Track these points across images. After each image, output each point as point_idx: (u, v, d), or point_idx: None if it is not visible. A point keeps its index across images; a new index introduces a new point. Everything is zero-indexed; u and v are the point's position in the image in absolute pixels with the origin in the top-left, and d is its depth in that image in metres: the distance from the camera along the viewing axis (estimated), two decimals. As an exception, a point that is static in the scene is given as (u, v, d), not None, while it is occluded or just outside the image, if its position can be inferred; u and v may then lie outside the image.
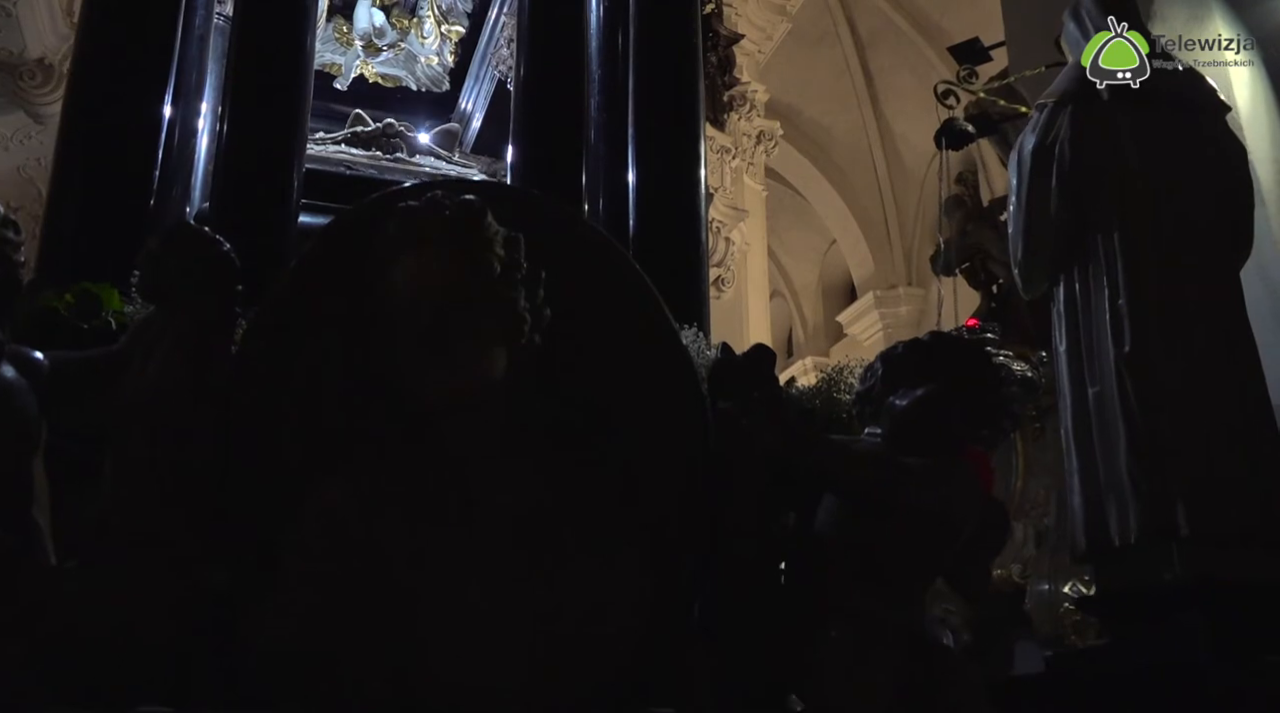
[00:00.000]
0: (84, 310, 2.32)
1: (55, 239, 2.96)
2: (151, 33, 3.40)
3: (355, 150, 3.80)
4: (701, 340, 2.64)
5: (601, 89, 3.93)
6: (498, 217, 1.76)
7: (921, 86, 14.62)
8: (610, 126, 3.87)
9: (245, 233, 3.04)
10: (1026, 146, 2.82)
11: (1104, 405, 2.57)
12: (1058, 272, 2.75)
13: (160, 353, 1.71)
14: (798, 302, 18.82)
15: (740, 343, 6.78)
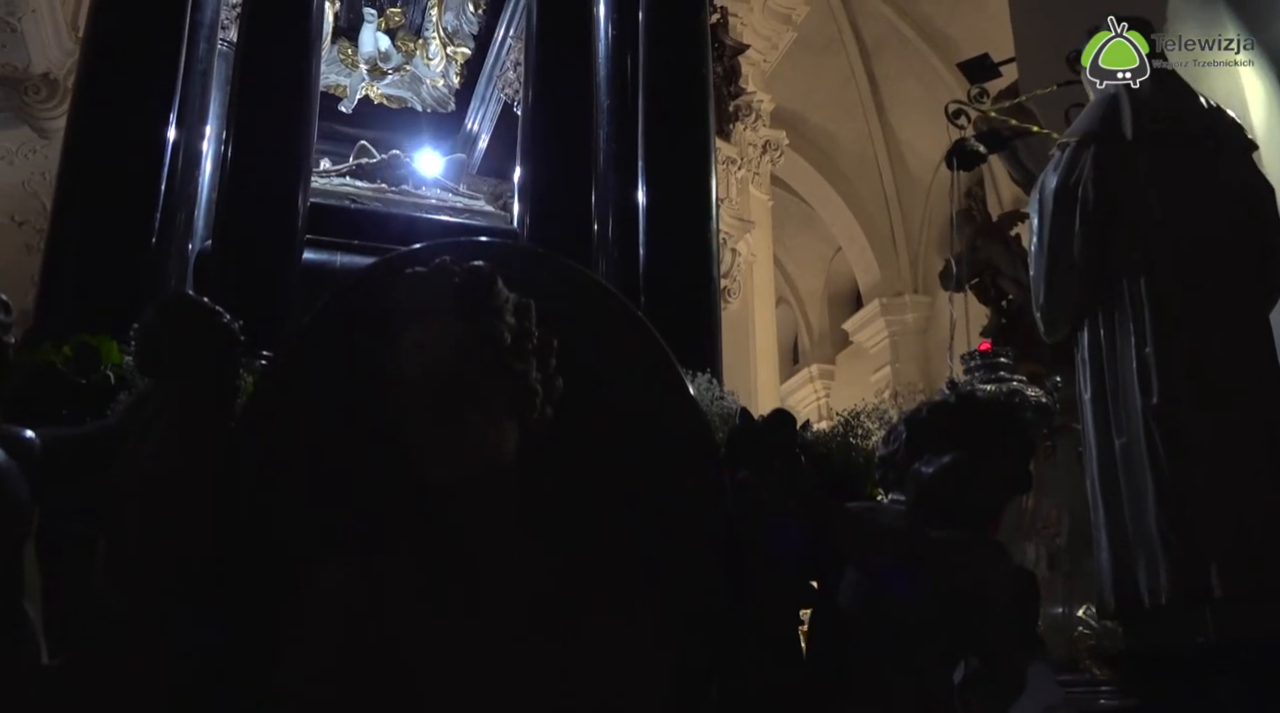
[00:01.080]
0: (82, 364, 2.26)
1: (54, 281, 2.88)
2: (154, 60, 3.32)
3: (360, 182, 3.73)
4: (715, 387, 2.57)
5: (610, 111, 3.86)
6: (507, 278, 1.70)
7: (928, 94, 14.60)
8: (619, 149, 3.80)
9: (249, 272, 3.01)
10: (1048, 186, 2.74)
11: (1131, 458, 2.49)
12: (1081, 316, 2.68)
13: (156, 432, 1.64)
14: (803, 309, 18.77)
15: (746, 353, 6.76)
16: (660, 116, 3.67)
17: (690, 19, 3.85)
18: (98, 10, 3.45)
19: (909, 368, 15.68)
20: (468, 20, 5.10)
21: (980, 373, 5.13)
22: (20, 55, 9.37)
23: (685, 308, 3.35)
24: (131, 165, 3.16)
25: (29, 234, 11.10)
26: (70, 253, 2.97)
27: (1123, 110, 2.75)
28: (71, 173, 3.24)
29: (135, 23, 3.31)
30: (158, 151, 3.20)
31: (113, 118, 3.20)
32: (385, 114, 5.67)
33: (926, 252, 15.97)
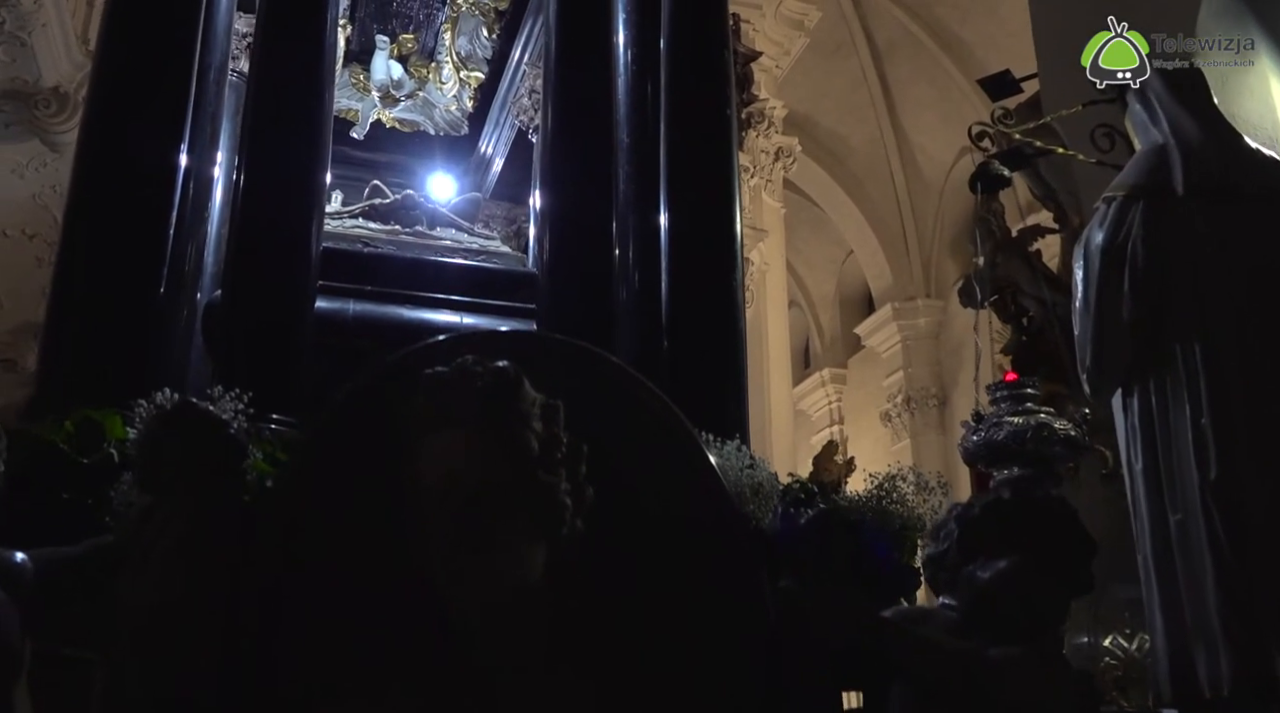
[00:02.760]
0: (85, 441, 2.17)
1: (58, 335, 2.79)
2: (164, 94, 3.24)
3: (373, 224, 3.63)
4: (744, 455, 2.46)
5: (630, 138, 3.78)
6: (530, 368, 1.59)
7: (940, 97, 14.49)
8: (639, 176, 3.72)
9: (259, 326, 2.91)
10: (1094, 242, 2.62)
11: (1188, 536, 2.37)
12: (1131, 381, 2.55)
13: (158, 556, 1.55)
14: (814, 312, 18.68)
15: (759, 362, 6.59)
16: (683, 144, 3.59)
17: (713, 45, 3.76)
18: (104, 50, 3.36)
19: (921, 373, 15.59)
20: (481, 45, 5.01)
21: (1006, 404, 5.02)
22: (30, 69, 9.33)
23: (710, 342, 3.26)
24: (139, 208, 3.08)
25: (39, 247, 11.05)
26: (76, 303, 2.88)
27: (1172, 163, 2.63)
28: (78, 215, 3.17)
29: (144, 60, 3.24)
30: (166, 193, 3.12)
31: (121, 155, 3.14)
32: (397, 137, 5.59)
33: (939, 255, 15.86)
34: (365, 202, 3.77)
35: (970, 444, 4.95)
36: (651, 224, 3.54)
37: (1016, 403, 4.90)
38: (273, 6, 3.48)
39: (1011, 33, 12.95)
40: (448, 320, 3.40)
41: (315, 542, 1.65)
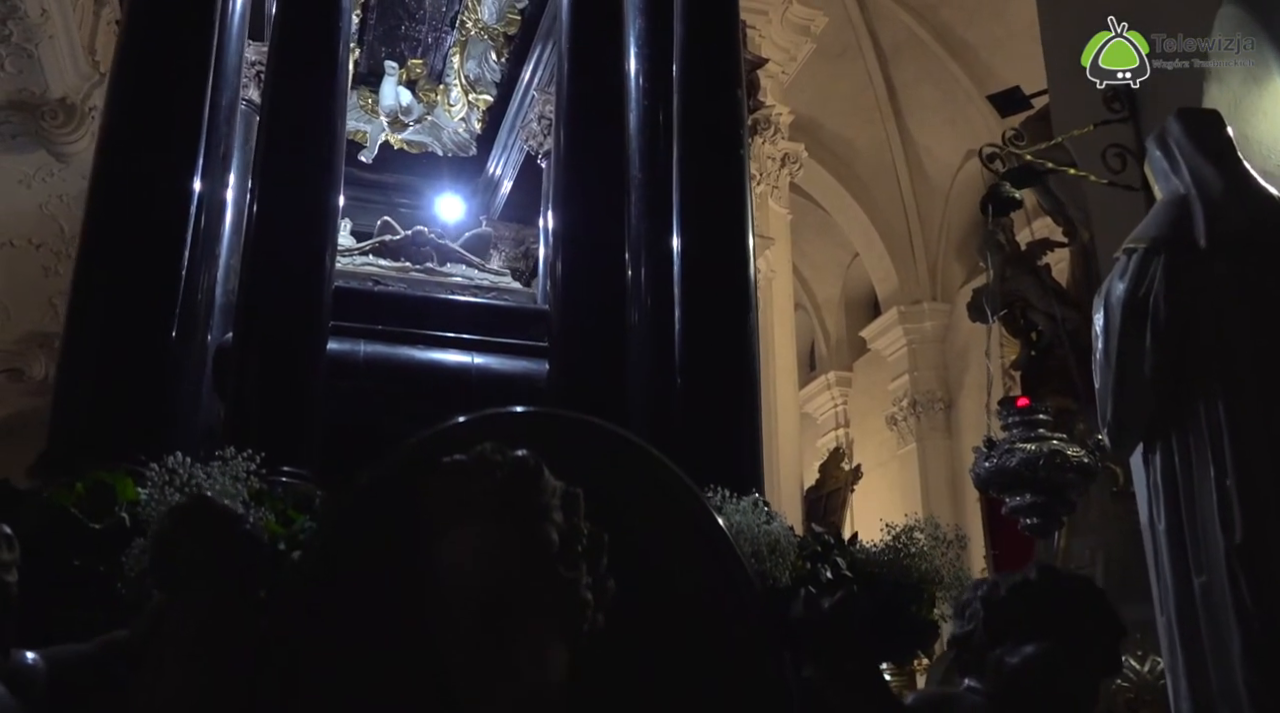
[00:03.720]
0: (96, 505, 2.15)
1: (70, 385, 2.76)
2: (176, 131, 3.21)
3: (383, 261, 3.61)
4: (762, 511, 2.44)
5: (642, 162, 3.76)
6: (546, 448, 1.57)
7: (946, 100, 14.44)
8: (652, 200, 3.70)
9: (272, 372, 2.89)
10: (1114, 295, 2.59)
11: (1213, 600, 2.33)
12: (1153, 437, 2.52)
13: (173, 655, 1.52)
14: (820, 315, 18.66)
15: (764, 368, 6.50)
16: (696, 168, 3.57)
17: (725, 72, 3.74)
18: (117, 82, 3.34)
19: (927, 376, 15.56)
20: (490, 68, 4.99)
21: (1018, 430, 4.98)
22: (38, 80, 9.33)
23: (724, 387, 3.23)
24: (152, 247, 3.05)
25: (46, 257, 11.08)
26: (89, 348, 2.85)
27: (1195, 214, 2.59)
28: (91, 253, 3.13)
29: (157, 92, 3.22)
30: (179, 229, 3.09)
31: (135, 189, 3.11)
32: (405, 158, 5.58)
33: (945, 259, 15.82)
34: (376, 238, 3.75)
35: (982, 470, 4.91)
36: (664, 249, 3.52)
37: (1028, 429, 4.86)
38: (285, 38, 3.45)
39: (1017, 35, 12.91)
40: (459, 360, 3.38)
41: (331, 639, 1.63)
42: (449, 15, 4.96)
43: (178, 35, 3.28)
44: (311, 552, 1.72)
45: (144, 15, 3.30)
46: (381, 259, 3.63)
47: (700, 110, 3.60)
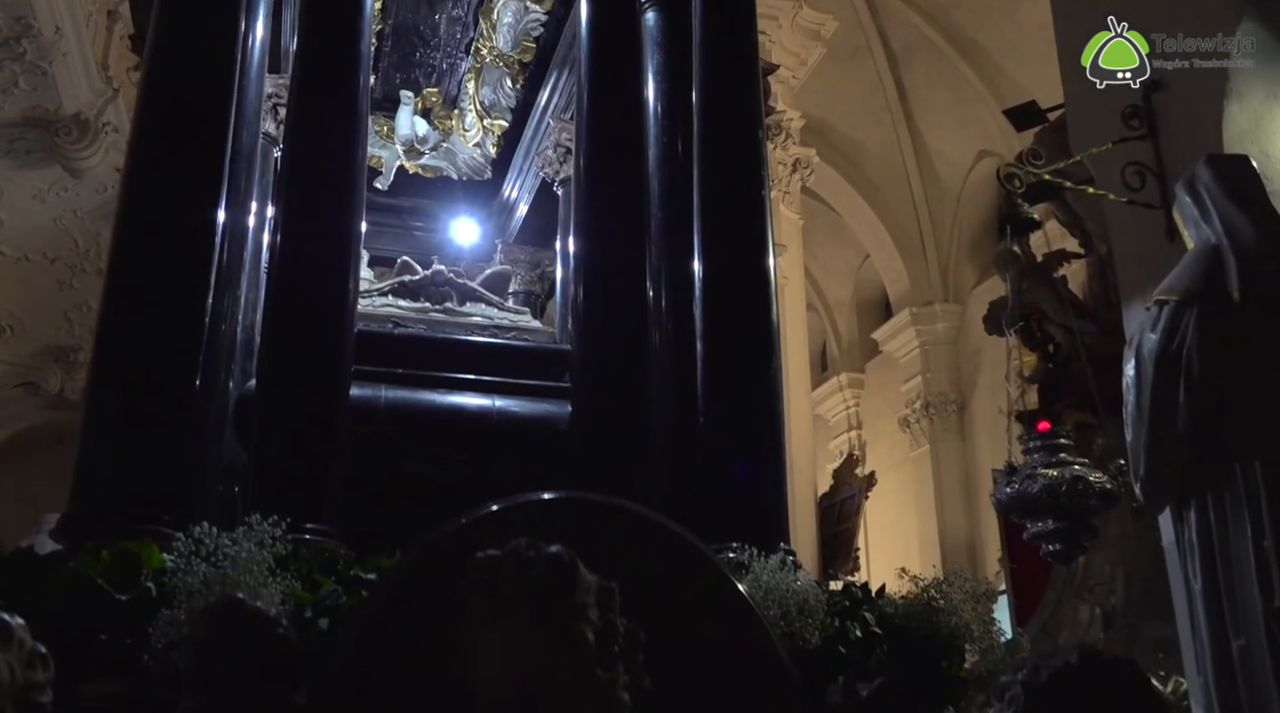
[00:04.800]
0: (122, 575, 2.14)
1: (93, 445, 2.74)
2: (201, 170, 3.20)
3: (403, 302, 3.60)
4: (789, 569, 2.43)
5: (661, 186, 3.76)
6: (578, 536, 1.56)
7: (957, 101, 14.37)
8: (671, 222, 3.69)
9: (295, 423, 2.88)
10: (1147, 347, 2.55)
11: (1252, 663, 2.30)
12: (1187, 495, 2.49)
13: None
14: (831, 317, 18.60)
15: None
16: (715, 192, 3.56)
17: (744, 93, 3.73)
18: (141, 122, 3.32)
19: (940, 378, 15.50)
20: (505, 94, 4.98)
21: (1040, 455, 4.94)
22: (51, 97, 9.36)
23: (748, 413, 3.22)
24: (175, 289, 3.03)
25: (61, 271, 11.13)
26: (113, 402, 2.84)
27: (1228, 265, 2.56)
28: (115, 301, 3.11)
29: (179, 129, 3.20)
30: (203, 270, 3.08)
31: (158, 228, 3.10)
32: (421, 183, 5.58)
33: (957, 260, 15.76)
34: (395, 278, 3.74)
35: (1003, 496, 4.88)
36: (684, 277, 3.52)
37: (1050, 454, 4.82)
38: (306, 70, 3.44)
39: (1029, 36, 12.84)
40: (480, 403, 3.37)
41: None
42: (464, 42, 4.95)
43: (201, 70, 3.27)
44: (341, 651, 1.71)
45: (167, 50, 3.29)
46: (401, 300, 3.62)
47: (721, 151, 3.59)
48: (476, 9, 4.71)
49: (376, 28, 4.80)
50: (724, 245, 3.40)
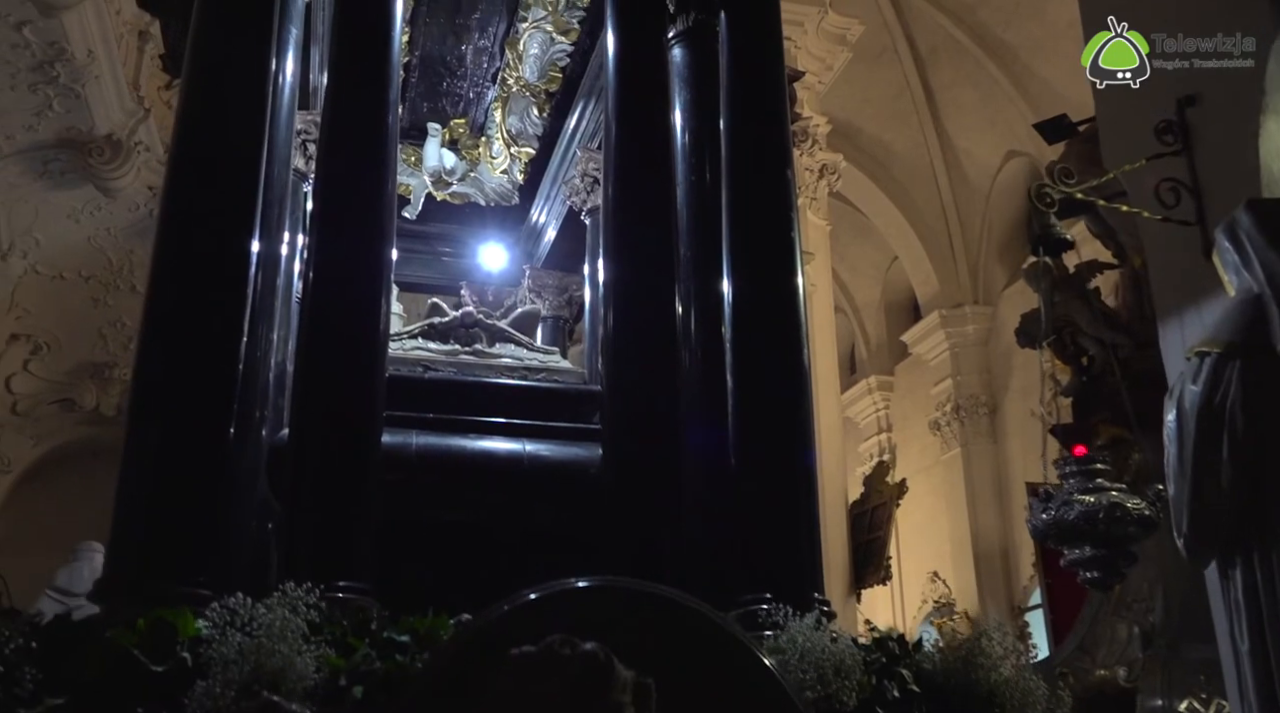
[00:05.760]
0: (158, 645, 2.16)
1: (129, 506, 2.74)
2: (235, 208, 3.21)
3: (432, 345, 3.61)
4: (824, 631, 2.40)
5: (689, 212, 3.74)
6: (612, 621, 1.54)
7: (984, 101, 14.24)
8: (700, 247, 3.68)
9: (327, 480, 2.87)
10: (1188, 401, 2.51)
11: (1301, 727, 2.27)
12: (1232, 551, 2.44)
13: None
14: (860, 319, 18.51)
15: None
16: (744, 229, 3.54)
17: (771, 130, 3.71)
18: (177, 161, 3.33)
19: (971, 380, 15.39)
20: (532, 123, 4.98)
21: (1076, 480, 4.88)
22: (84, 119, 9.50)
23: (777, 437, 3.20)
24: (211, 334, 3.03)
25: (95, 288, 11.30)
26: (147, 453, 2.85)
27: (1270, 317, 2.51)
28: (150, 344, 3.11)
29: (214, 167, 3.21)
30: (237, 312, 3.06)
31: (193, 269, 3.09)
32: (449, 209, 5.59)
33: (987, 260, 15.64)
34: (424, 320, 3.75)
35: (1039, 522, 4.82)
36: (714, 285, 3.50)
37: (1086, 479, 4.76)
38: (338, 103, 3.44)
39: (1057, 35, 12.67)
40: (510, 448, 3.37)
41: None
42: (490, 72, 4.95)
43: (234, 108, 3.28)
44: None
45: (202, 89, 3.30)
46: (431, 342, 3.62)
47: (750, 188, 3.58)
48: (503, 40, 4.71)
49: (404, 59, 4.81)
50: (754, 284, 3.37)
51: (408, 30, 4.57)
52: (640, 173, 3.54)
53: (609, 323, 3.38)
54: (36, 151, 9.70)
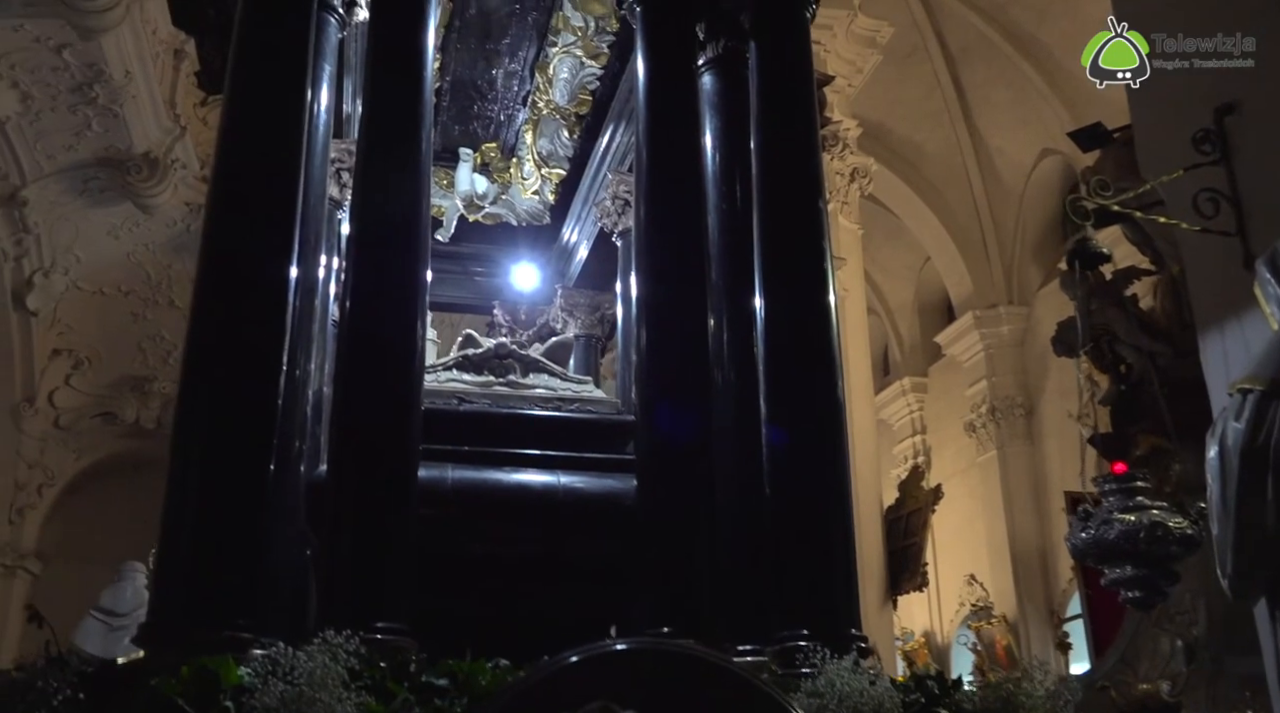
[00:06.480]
0: (201, 694, 2.19)
1: (171, 552, 2.77)
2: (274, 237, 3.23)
3: (467, 376, 3.63)
4: (862, 673, 2.39)
5: (720, 232, 3.74)
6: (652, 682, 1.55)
7: (1018, 100, 14.08)
8: (732, 268, 3.68)
9: (366, 518, 2.89)
10: (1231, 439, 2.47)
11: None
12: (1278, 594, 2.41)
13: None
14: (893, 320, 18.37)
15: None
16: (776, 249, 3.53)
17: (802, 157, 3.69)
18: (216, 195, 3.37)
19: (1006, 382, 15.22)
20: (562, 145, 5.00)
21: (1115, 499, 4.80)
22: (122, 138, 9.67)
23: (811, 470, 3.18)
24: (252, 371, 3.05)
25: (134, 303, 11.50)
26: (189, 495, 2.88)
27: (1313, 352, 2.47)
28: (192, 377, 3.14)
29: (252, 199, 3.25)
30: (277, 337, 3.09)
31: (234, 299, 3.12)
32: (481, 229, 5.63)
33: (1021, 260, 15.47)
34: (459, 352, 3.77)
35: (1079, 541, 4.75)
36: (746, 303, 3.50)
37: (1126, 497, 4.68)
38: (372, 130, 3.47)
39: (1091, 31, 12.48)
40: (545, 481, 3.39)
41: None
42: (520, 95, 4.98)
43: (271, 138, 3.31)
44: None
45: (240, 120, 3.34)
46: (465, 374, 3.65)
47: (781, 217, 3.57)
48: (533, 64, 4.73)
49: (435, 84, 4.85)
50: (788, 324, 3.36)
51: (439, 56, 4.61)
52: (672, 199, 3.54)
53: (642, 353, 3.37)
54: (76, 170, 9.90)
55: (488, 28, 4.60)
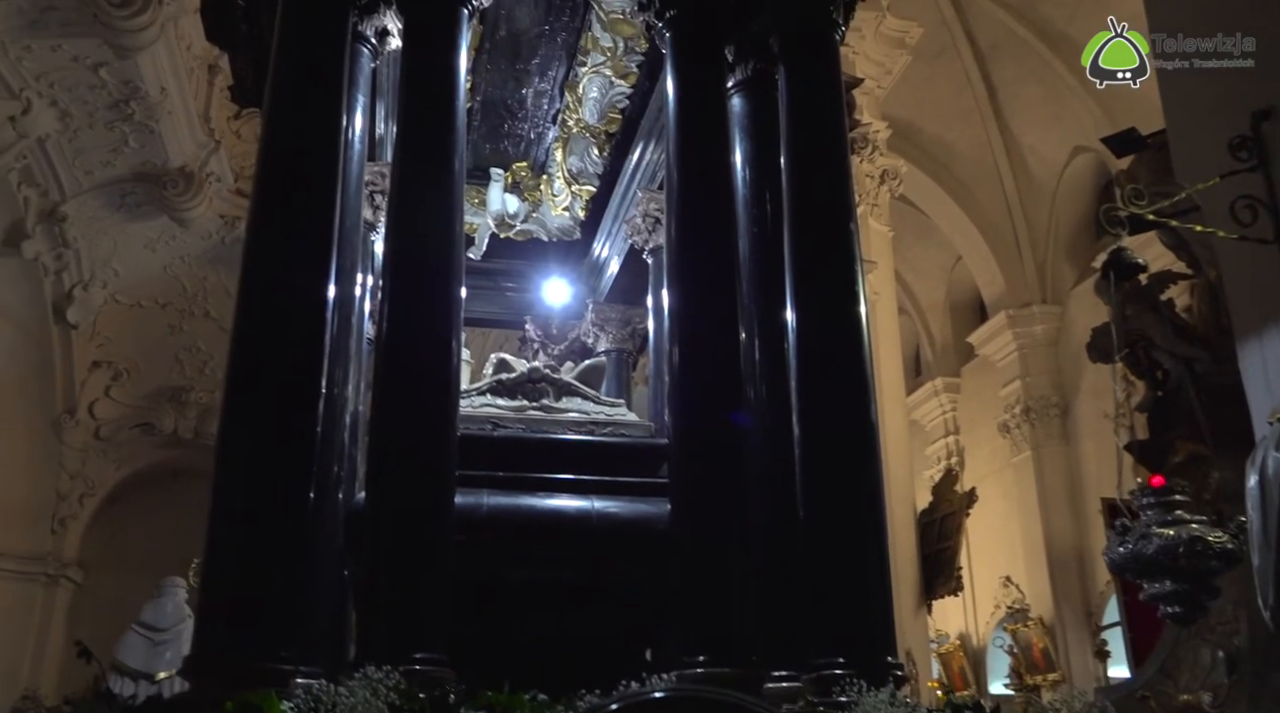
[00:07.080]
0: (245, 732, 2.23)
1: (215, 584, 2.82)
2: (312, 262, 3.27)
3: (500, 401, 3.66)
4: (900, 704, 2.38)
5: (751, 248, 3.75)
6: None
7: (1049, 96, 13.92)
8: (764, 283, 3.68)
9: (404, 546, 2.93)
10: (1272, 469, 2.45)
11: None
12: (1320, 623, 2.38)
13: None
14: (924, 320, 18.22)
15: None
16: (805, 261, 3.52)
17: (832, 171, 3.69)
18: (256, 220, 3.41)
19: (1040, 382, 15.04)
20: (592, 162, 5.02)
21: (1154, 512, 4.74)
22: (159, 153, 9.83)
23: (845, 495, 3.18)
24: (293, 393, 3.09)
25: (171, 315, 11.67)
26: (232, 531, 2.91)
27: (1356, 384, 2.43)
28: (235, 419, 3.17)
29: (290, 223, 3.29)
30: (316, 360, 3.12)
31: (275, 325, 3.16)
32: (512, 245, 5.67)
33: (1054, 259, 15.29)
34: (493, 376, 3.80)
35: (1117, 556, 4.70)
36: (778, 316, 3.50)
37: (1165, 511, 4.62)
38: (407, 149, 3.50)
39: (1125, 28, 12.32)
40: (579, 505, 3.40)
41: None
42: (550, 113, 5.00)
43: (309, 162, 3.35)
44: None
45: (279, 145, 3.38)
46: (499, 399, 3.67)
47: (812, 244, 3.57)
48: (562, 84, 4.76)
49: (467, 104, 4.89)
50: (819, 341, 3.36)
51: (470, 77, 4.65)
52: (703, 222, 3.55)
53: (675, 373, 3.38)
54: (114, 186, 10.08)
55: (518, 49, 4.63)
